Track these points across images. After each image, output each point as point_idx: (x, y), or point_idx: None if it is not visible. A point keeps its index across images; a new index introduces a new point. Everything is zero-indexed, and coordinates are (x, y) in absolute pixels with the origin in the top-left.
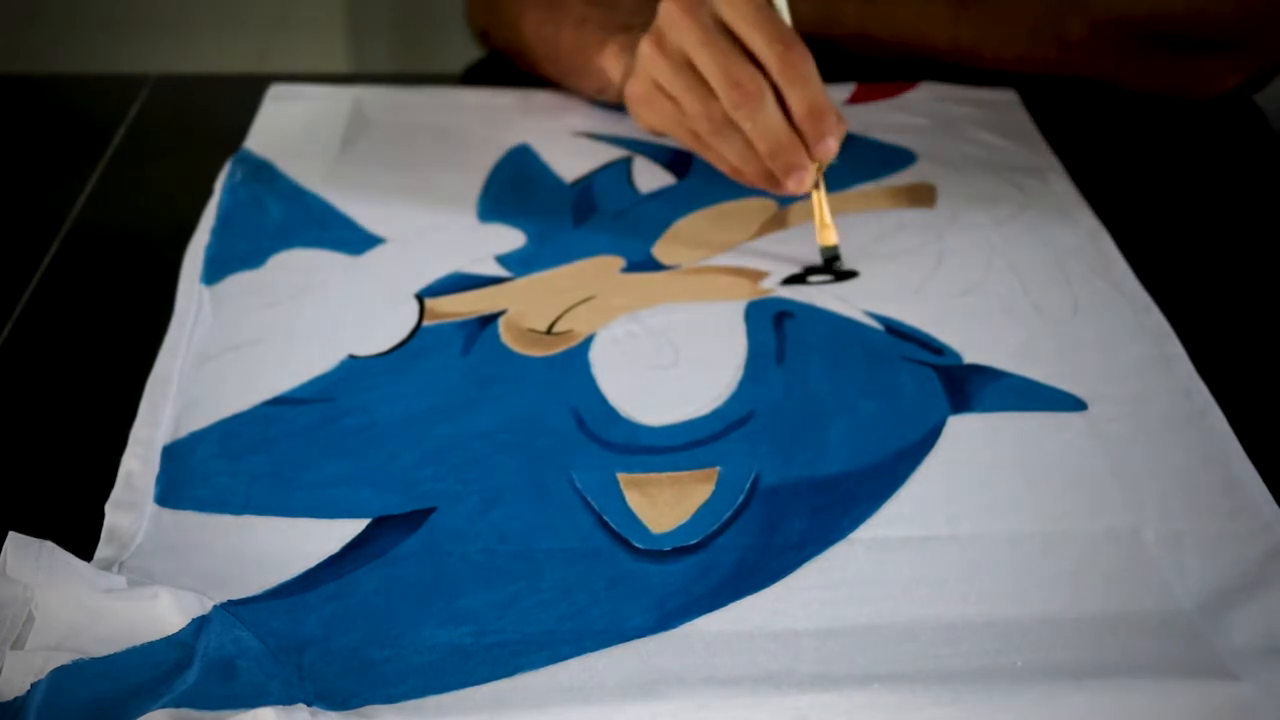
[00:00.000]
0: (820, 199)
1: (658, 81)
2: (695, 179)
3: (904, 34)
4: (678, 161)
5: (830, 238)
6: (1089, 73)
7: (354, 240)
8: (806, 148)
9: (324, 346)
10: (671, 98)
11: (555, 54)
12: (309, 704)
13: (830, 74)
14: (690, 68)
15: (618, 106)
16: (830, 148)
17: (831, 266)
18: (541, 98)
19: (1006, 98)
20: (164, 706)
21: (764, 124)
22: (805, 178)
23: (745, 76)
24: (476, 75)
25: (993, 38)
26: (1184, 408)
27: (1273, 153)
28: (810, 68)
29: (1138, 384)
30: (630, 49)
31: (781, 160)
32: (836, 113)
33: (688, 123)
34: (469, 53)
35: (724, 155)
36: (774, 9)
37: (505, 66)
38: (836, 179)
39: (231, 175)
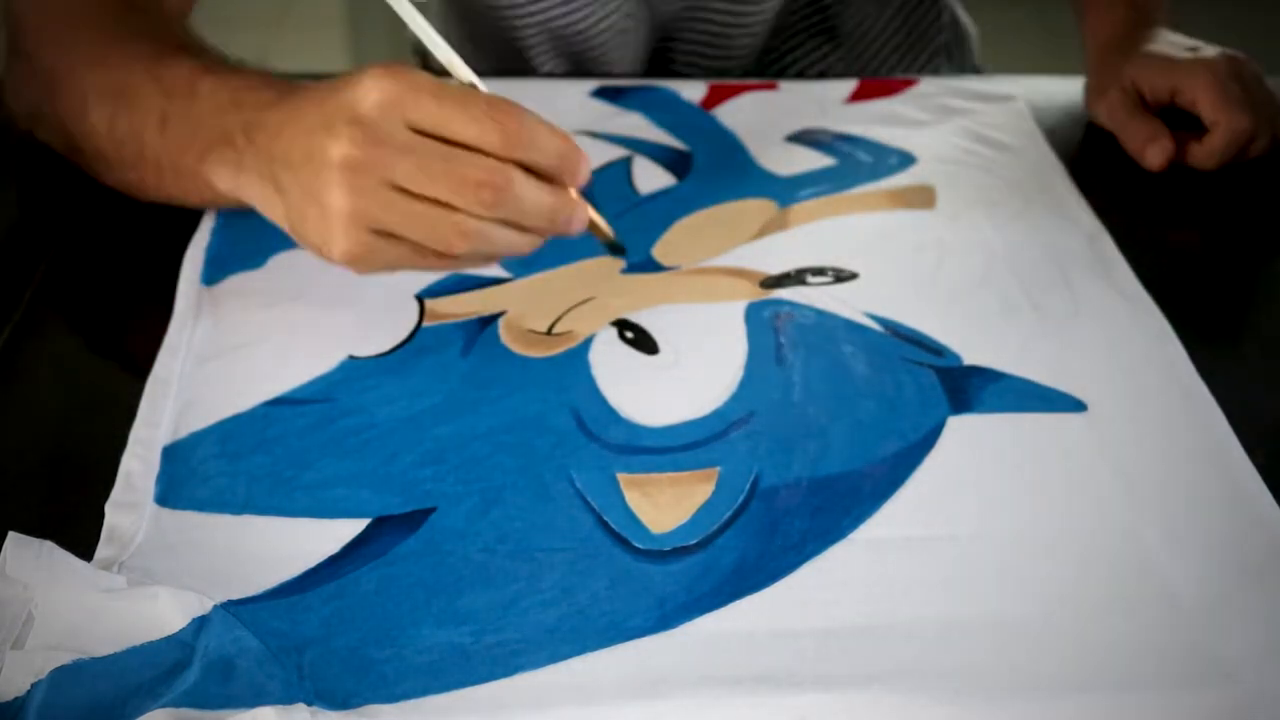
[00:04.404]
0: (594, 213)
1: (374, 228)
2: (695, 179)
3: None
4: (678, 162)
5: (610, 233)
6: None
7: None
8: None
9: (324, 347)
10: (396, 236)
11: (137, 159)
12: (309, 704)
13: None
14: (404, 194)
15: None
16: (586, 172)
17: (618, 252)
18: (543, 94)
19: (1009, 97)
20: (164, 706)
21: (529, 203)
22: (583, 214)
23: (484, 171)
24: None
25: None
26: (1184, 408)
27: (1273, 153)
28: (528, 116)
29: (1138, 384)
30: (239, 164)
31: (559, 219)
32: (568, 136)
33: (433, 249)
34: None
35: (493, 254)
36: (449, 80)
37: (509, 67)
38: (837, 179)
39: None
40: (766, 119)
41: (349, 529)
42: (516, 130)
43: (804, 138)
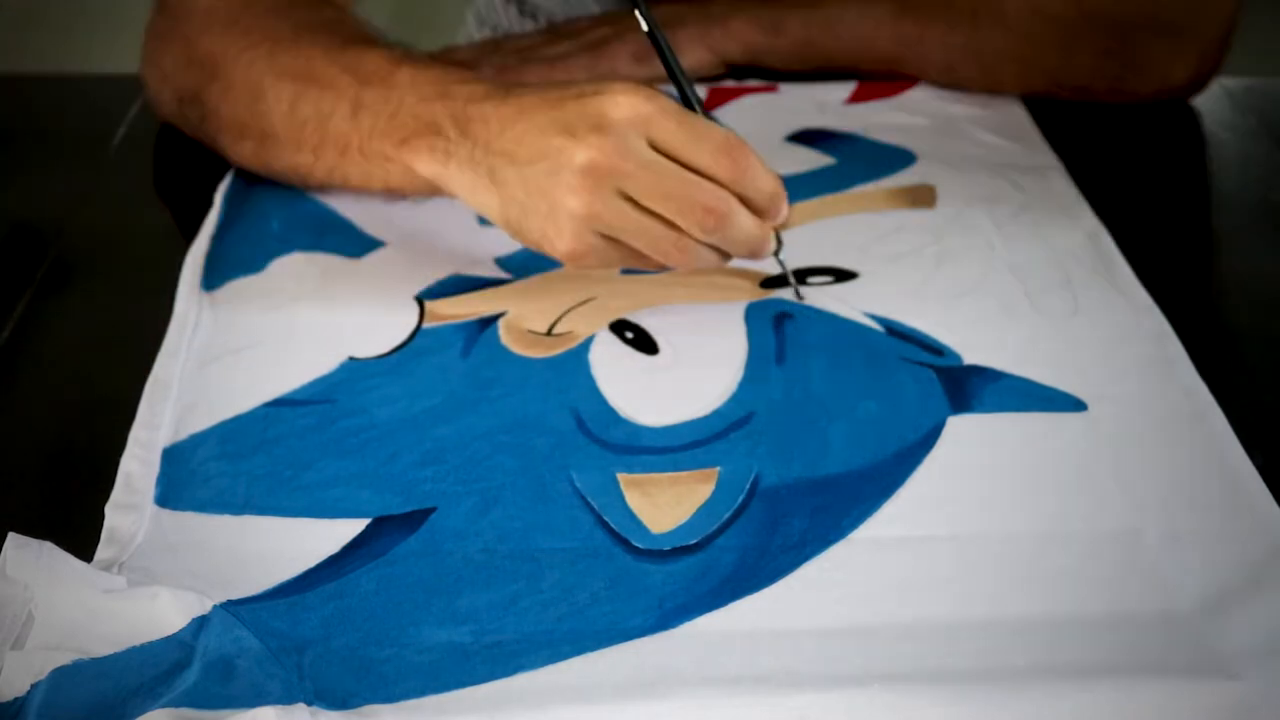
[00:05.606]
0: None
1: (602, 232)
2: None
3: (846, 39)
4: None
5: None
6: (1033, 66)
7: (354, 244)
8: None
9: (324, 348)
10: (618, 242)
11: (318, 142)
12: (309, 704)
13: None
14: (636, 207)
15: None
16: (787, 212)
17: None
18: None
19: (1007, 97)
20: (164, 706)
21: (740, 232)
22: (773, 244)
23: (712, 198)
24: None
25: (937, 26)
26: (1184, 408)
27: (1274, 154)
28: (755, 158)
29: (1138, 384)
30: (447, 153)
31: (759, 252)
32: (779, 178)
33: (650, 256)
34: None
35: (691, 266)
36: (695, 110)
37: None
38: (837, 179)
39: (232, 181)
40: (766, 120)
41: (349, 529)
42: (746, 166)
43: (804, 138)
